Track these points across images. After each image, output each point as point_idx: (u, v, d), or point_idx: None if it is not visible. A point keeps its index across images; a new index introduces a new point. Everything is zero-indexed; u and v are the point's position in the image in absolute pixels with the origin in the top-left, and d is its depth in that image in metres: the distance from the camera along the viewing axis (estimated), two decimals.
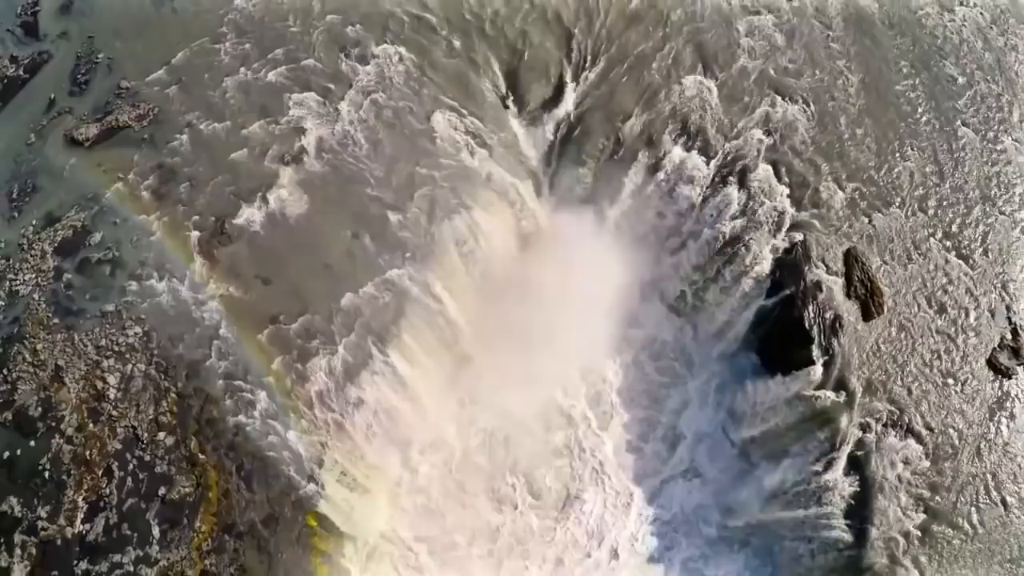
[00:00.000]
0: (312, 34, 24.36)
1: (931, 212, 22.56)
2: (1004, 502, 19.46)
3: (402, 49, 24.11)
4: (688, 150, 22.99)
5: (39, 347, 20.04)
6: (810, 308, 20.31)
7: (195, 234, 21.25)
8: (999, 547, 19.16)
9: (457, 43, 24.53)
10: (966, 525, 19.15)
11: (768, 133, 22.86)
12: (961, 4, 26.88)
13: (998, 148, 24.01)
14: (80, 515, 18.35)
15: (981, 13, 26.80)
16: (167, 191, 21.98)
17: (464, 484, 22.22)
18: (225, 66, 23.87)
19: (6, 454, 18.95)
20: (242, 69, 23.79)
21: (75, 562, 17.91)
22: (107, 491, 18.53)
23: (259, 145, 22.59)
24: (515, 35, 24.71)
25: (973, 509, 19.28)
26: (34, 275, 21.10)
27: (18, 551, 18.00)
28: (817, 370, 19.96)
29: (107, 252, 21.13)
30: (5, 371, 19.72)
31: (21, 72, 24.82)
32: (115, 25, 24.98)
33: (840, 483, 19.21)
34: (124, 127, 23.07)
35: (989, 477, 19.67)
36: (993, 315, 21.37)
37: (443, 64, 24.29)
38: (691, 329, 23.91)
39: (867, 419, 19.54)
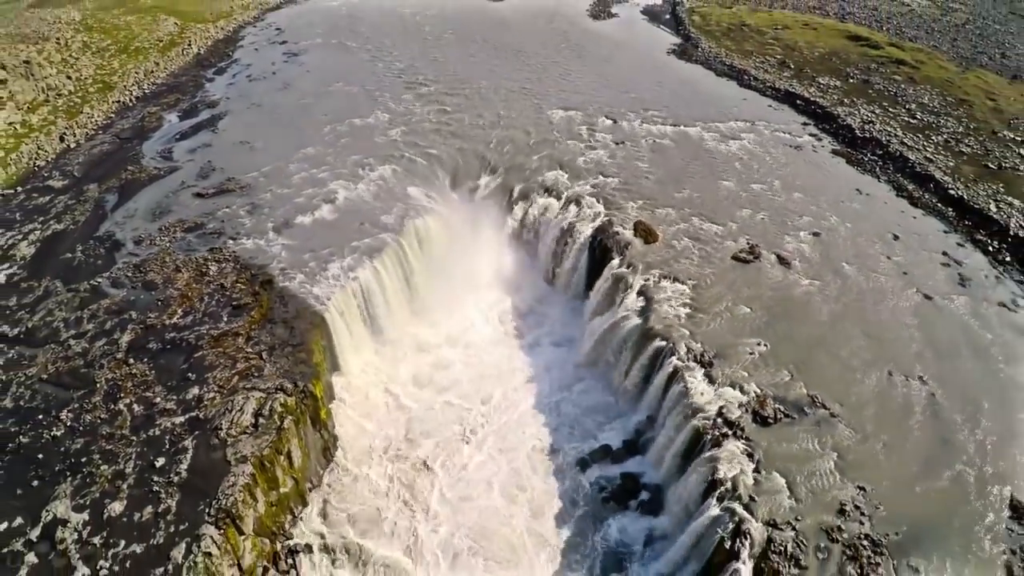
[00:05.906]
0: (344, 162, 45.01)
1: (695, 209, 39.36)
2: (749, 307, 31.63)
3: (395, 167, 44.49)
4: (547, 198, 41.85)
5: (167, 259, 34.24)
6: (611, 240, 36.36)
7: (271, 224, 37.64)
8: (745, 330, 30.46)
9: (425, 163, 45.37)
10: (719, 316, 30.88)
11: (593, 188, 41.98)
12: (733, 139, 49.20)
13: (750, 189, 42.30)
14: (175, 317, 30.17)
15: (747, 143, 48.98)
16: (255, 211, 38.99)
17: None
18: (292, 172, 43.42)
19: (131, 298, 31.53)
20: (302, 172, 43.42)
21: (166, 334, 29.12)
22: (198, 306, 30.75)
23: (310, 196, 40.69)
24: (455, 159, 45.93)
25: (725, 309, 31.34)
26: (168, 239, 36.34)
27: (127, 334, 29.35)
28: (616, 262, 34.90)
29: (216, 229, 37.01)
30: (141, 269, 33.49)
31: (162, 172, 43.71)
32: (225, 155, 45.42)
33: (633, 303, 32.25)
34: (230, 191, 41.17)
35: (734, 298, 32.12)
36: (736, 241, 36.96)
37: (416, 171, 44.45)
38: (553, 285, 39.65)
39: (648, 276, 33.73)
